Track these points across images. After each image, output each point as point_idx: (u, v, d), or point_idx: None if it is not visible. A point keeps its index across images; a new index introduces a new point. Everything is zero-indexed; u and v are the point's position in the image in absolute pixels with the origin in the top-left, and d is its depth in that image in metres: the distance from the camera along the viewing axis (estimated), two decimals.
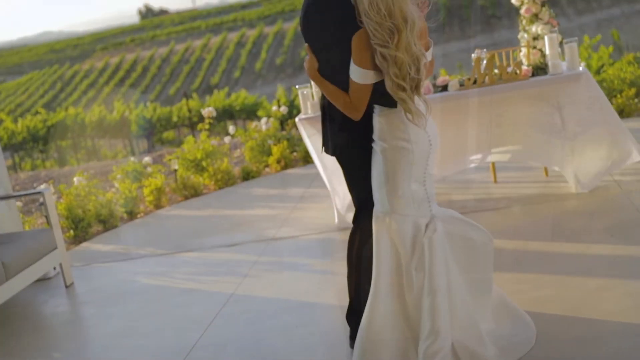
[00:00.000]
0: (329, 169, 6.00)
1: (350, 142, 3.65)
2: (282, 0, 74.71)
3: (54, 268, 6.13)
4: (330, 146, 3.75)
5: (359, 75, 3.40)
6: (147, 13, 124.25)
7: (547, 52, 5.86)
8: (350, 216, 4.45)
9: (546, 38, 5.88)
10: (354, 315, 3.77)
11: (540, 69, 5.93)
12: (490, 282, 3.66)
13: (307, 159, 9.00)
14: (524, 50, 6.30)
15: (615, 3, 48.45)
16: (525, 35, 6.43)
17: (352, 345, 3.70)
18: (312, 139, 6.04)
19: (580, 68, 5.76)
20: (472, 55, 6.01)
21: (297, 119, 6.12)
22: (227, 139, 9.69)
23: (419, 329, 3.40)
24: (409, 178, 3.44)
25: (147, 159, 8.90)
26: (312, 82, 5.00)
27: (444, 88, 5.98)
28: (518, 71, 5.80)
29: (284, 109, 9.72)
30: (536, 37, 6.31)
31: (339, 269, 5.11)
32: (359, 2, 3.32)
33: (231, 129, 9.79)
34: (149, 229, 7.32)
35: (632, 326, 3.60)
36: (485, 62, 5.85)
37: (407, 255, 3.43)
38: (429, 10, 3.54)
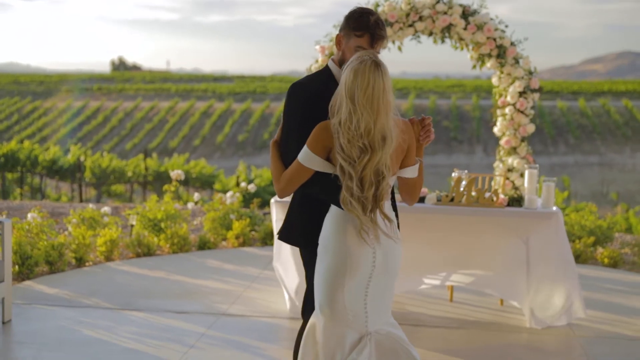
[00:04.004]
0: (282, 257, 6.05)
1: (313, 237, 3.45)
2: (255, 81, 75.80)
3: None
4: (302, 239, 3.59)
5: (305, 155, 3.21)
6: (120, 65, 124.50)
7: (526, 186, 6.03)
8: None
9: (526, 173, 6.05)
10: None
11: (515, 201, 6.10)
12: None
13: (266, 240, 8.97)
14: (498, 179, 6.48)
15: (570, 152, 50.37)
16: (501, 165, 6.62)
17: None
18: (278, 224, 6.04)
19: (554, 208, 5.94)
20: (453, 174, 6.17)
21: (273, 200, 6.14)
22: (190, 205, 9.63)
23: None
24: (342, 289, 3.22)
25: (106, 208, 8.76)
26: None
27: (421, 200, 6.09)
28: (495, 198, 5.95)
29: (252, 187, 9.72)
30: (510, 169, 6.49)
31: (285, 356, 5.05)
32: (338, 108, 3.11)
33: (196, 195, 9.74)
34: (97, 280, 7.13)
35: None
36: (465, 183, 6.01)
37: None
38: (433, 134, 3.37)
